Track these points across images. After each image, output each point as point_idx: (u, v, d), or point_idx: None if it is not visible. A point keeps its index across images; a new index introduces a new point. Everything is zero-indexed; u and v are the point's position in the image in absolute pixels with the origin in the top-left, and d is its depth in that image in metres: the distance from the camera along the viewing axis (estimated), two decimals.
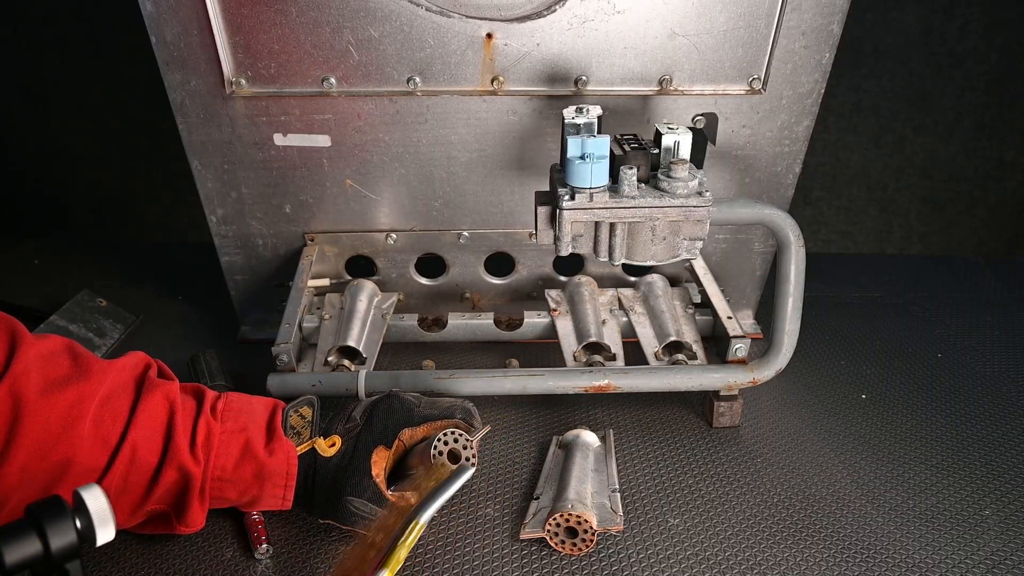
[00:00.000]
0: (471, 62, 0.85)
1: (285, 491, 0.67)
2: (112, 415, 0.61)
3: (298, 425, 0.70)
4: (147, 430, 0.62)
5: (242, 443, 0.66)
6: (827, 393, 0.95)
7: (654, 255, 0.75)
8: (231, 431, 0.66)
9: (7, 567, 0.42)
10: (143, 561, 0.68)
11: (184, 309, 1.13)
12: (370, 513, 0.66)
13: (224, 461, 0.65)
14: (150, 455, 0.62)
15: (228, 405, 0.68)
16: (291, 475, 0.67)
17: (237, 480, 0.65)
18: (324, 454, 0.68)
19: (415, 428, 0.70)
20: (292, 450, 0.67)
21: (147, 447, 0.62)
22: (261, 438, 0.67)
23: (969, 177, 1.85)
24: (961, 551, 0.71)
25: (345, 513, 0.67)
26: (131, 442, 0.61)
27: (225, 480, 0.65)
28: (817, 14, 0.83)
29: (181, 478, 0.63)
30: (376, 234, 0.98)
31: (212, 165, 0.91)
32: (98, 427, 0.60)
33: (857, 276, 1.25)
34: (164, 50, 0.82)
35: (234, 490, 0.66)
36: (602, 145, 0.71)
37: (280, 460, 0.66)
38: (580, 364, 0.90)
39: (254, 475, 0.66)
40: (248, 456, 0.65)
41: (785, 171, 0.94)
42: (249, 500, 0.67)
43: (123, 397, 0.62)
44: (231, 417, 0.67)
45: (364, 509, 0.66)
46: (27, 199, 1.85)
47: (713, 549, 0.71)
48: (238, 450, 0.65)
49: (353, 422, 0.71)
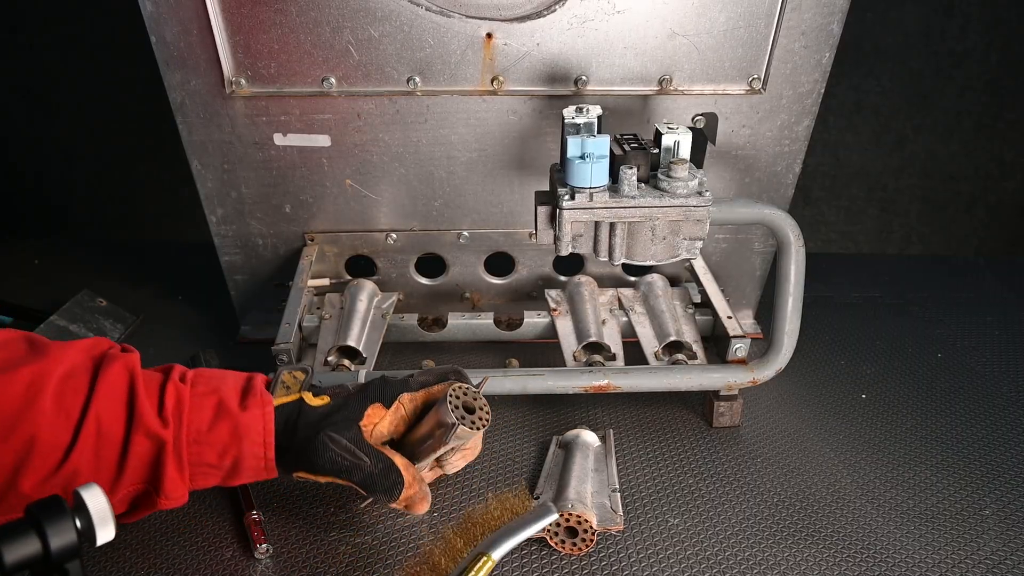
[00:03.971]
0: (471, 62, 0.85)
1: (265, 449, 0.64)
2: (73, 390, 0.60)
3: (289, 381, 0.68)
4: (109, 402, 0.60)
5: (214, 403, 0.63)
6: (827, 393, 0.95)
7: (654, 255, 0.75)
8: (202, 394, 0.64)
9: (7, 567, 0.42)
10: (143, 561, 0.68)
11: (184, 309, 1.13)
12: (346, 451, 0.64)
13: (198, 424, 0.62)
14: (116, 425, 0.60)
15: (199, 374, 0.66)
16: (268, 431, 0.64)
17: (214, 442, 0.63)
18: (311, 403, 0.66)
19: (415, 393, 0.69)
20: (268, 404, 0.65)
21: (111, 418, 0.60)
22: (235, 398, 0.64)
23: (969, 177, 1.85)
24: (961, 551, 0.71)
25: (318, 449, 0.63)
26: (94, 414, 0.59)
27: (202, 443, 0.63)
28: (817, 14, 0.83)
29: (153, 445, 0.61)
30: (376, 234, 0.98)
31: (212, 165, 0.91)
32: (59, 403, 0.59)
33: (857, 276, 1.25)
34: (164, 50, 0.82)
35: (212, 452, 0.63)
36: (602, 145, 0.71)
37: (255, 415, 0.64)
38: (580, 364, 0.90)
39: (230, 433, 0.63)
40: (222, 414, 0.63)
41: (785, 171, 0.94)
42: (232, 464, 0.64)
43: (82, 375, 0.61)
44: (202, 382, 0.65)
45: (337, 447, 0.64)
46: (27, 199, 1.86)
47: (713, 549, 0.71)
48: (211, 411, 0.63)
49: (345, 389, 0.69)
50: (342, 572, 0.68)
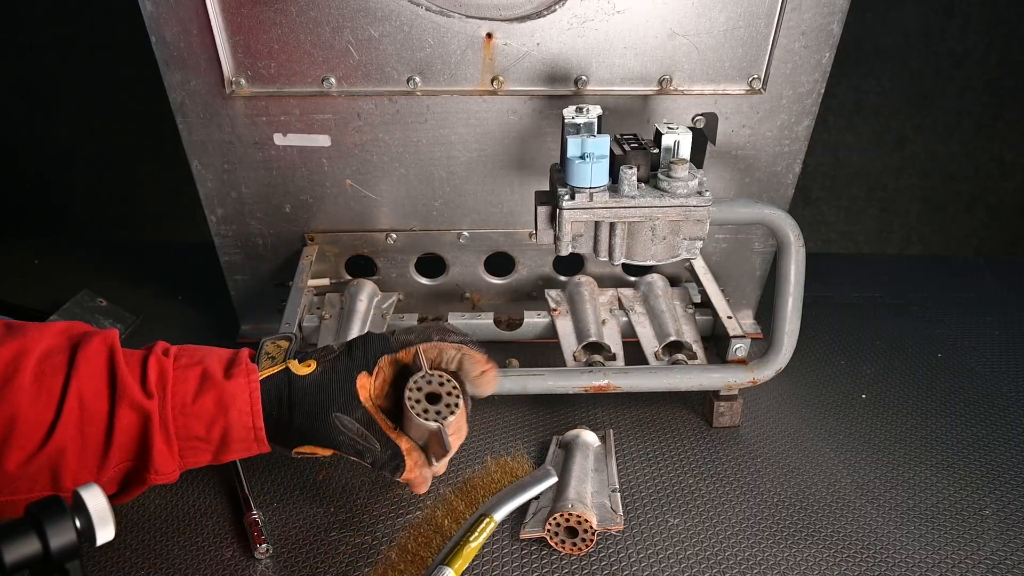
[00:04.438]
0: (471, 62, 0.85)
1: (253, 418, 0.63)
2: (52, 369, 0.59)
3: (272, 351, 0.67)
4: (90, 377, 0.60)
5: (199, 374, 0.63)
6: (827, 393, 0.95)
7: (654, 255, 0.75)
8: (185, 366, 0.63)
9: (6, 567, 0.42)
10: (143, 561, 0.68)
11: (184, 309, 1.13)
12: (358, 434, 0.63)
13: (183, 395, 0.62)
14: (99, 400, 0.60)
15: (182, 349, 0.66)
16: (255, 399, 0.63)
17: (200, 413, 0.62)
18: (298, 373, 0.64)
19: (394, 354, 0.67)
20: (253, 372, 0.64)
21: (93, 392, 0.60)
22: (220, 368, 0.64)
23: (969, 177, 1.85)
24: (961, 551, 0.71)
25: (330, 430, 0.63)
26: (76, 390, 0.59)
27: (188, 415, 0.62)
28: (817, 14, 0.83)
29: (138, 417, 0.60)
30: (376, 234, 0.98)
31: (212, 165, 0.91)
32: (39, 382, 0.58)
33: (857, 276, 1.25)
34: (164, 50, 0.82)
35: (199, 424, 0.62)
36: (602, 145, 0.71)
37: (240, 383, 0.63)
38: (580, 364, 0.90)
39: (215, 403, 0.62)
40: (207, 384, 0.62)
41: (785, 171, 0.94)
42: (220, 436, 0.63)
43: (61, 353, 0.61)
44: (185, 355, 0.64)
45: (352, 428, 0.63)
46: (27, 199, 1.86)
47: (713, 549, 0.71)
48: (195, 381, 0.62)
49: (330, 350, 0.68)
50: (342, 572, 0.67)
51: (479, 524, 0.57)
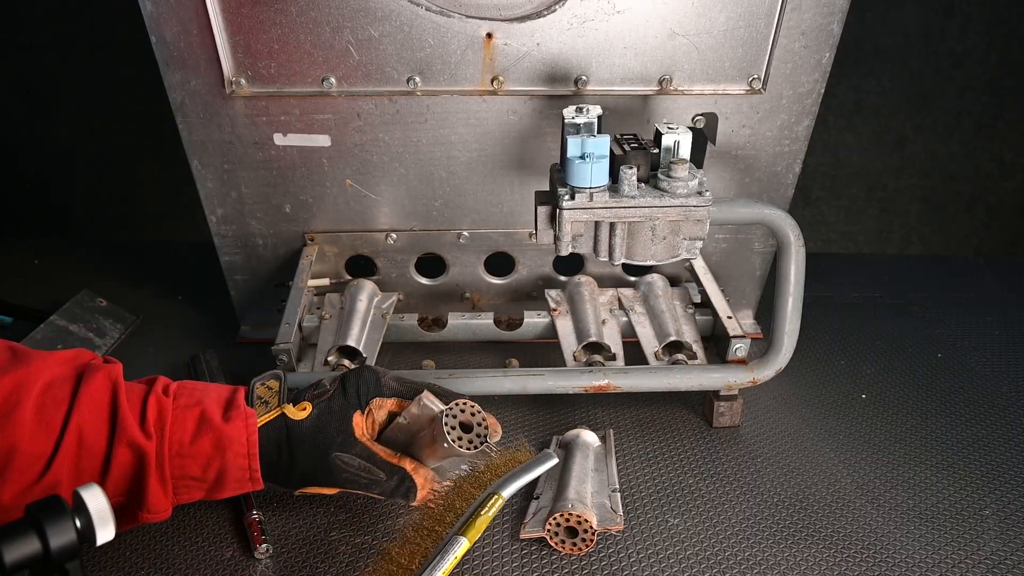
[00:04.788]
0: (471, 62, 0.85)
1: (249, 460, 0.63)
2: (54, 401, 0.60)
3: (264, 395, 0.67)
4: (91, 412, 0.60)
5: (197, 415, 0.63)
6: (827, 393, 0.95)
7: (654, 255, 0.75)
8: (184, 406, 0.64)
9: (7, 567, 0.42)
10: (143, 561, 0.68)
11: (184, 309, 1.13)
12: (360, 469, 0.64)
13: (180, 436, 0.62)
14: (98, 436, 0.60)
15: (182, 386, 0.66)
16: (252, 443, 0.63)
17: (197, 454, 0.62)
18: (295, 417, 0.65)
19: (385, 400, 0.68)
20: (251, 416, 0.64)
21: (93, 428, 0.60)
22: (218, 410, 0.64)
23: (969, 177, 1.85)
24: (961, 551, 0.71)
25: (332, 471, 0.64)
26: (76, 425, 0.59)
27: (185, 456, 0.62)
28: (817, 14, 0.83)
29: (135, 457, 0.61)
30: (376, 234, 0.98)
31: (212, 165, 0.91)
32: (40, 414, 0.59)
33: (857, 276, 1.25)
34: (164, 50, 0.82)
35: (196, 465, 0.63)
36: (602, 145, 0.71)
37: (239, 426, 0.63)
38: (580, 364, 0.90)
39: (213, 445, 0.62)
40: (205, 427, 0.62)
41: (785, 171, 0.94)
42: (216, 477, 0.64)
43: (64, 384, 0.61)
44: (184, 394, 0.65)
45: (353, 464, 0.64)
46: (27, 199, 1.86)
47: (713, 549, 0.71)
48: (193, 423, 0.63)
49: (323, 388, 0.68)
50: (342, 572, 0.68)
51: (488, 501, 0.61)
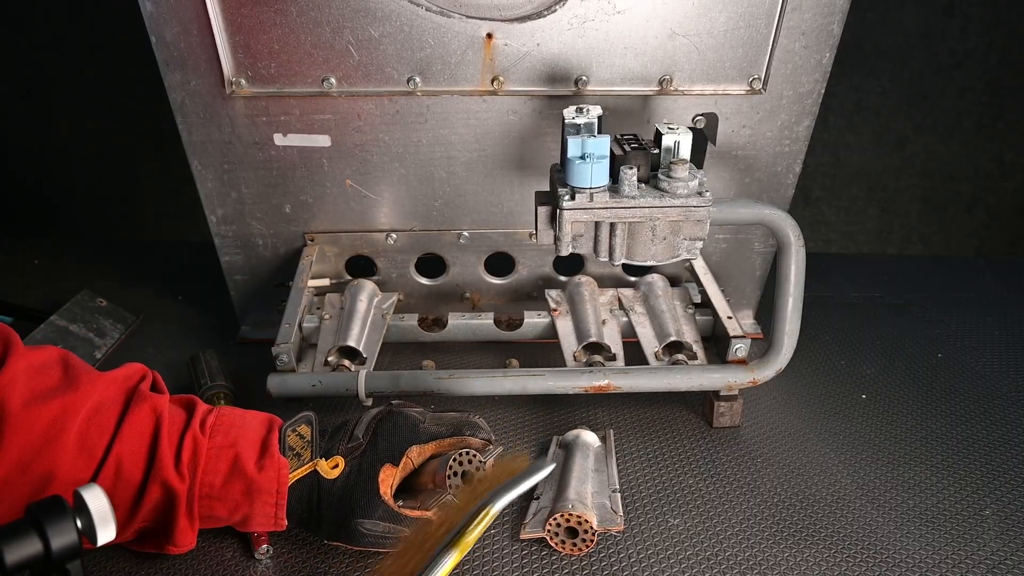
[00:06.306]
0: (471, 62, 0.85)
1: (276, 509, 0.64)
2: (98, 428, 0.60)
3: (297, 446, 0.67)
4: (133, 444, 0.61)
5: (231, 459, 0.64)
6: (827, 393, 0.95)
7: (654, 255, 0.75)
8: (220, 446, 0.64)
9: (8, 567, 0.42)
10: (143, 561, 0.68)
11: (184, 309, 1.13)
12: (383, 533, 0.65)
13: (212, 478, 0.63)
14: (135, 470, 0.61)
15: (219, 420, 0.66)
16: (282, 493, 0.64)
17: (226, 498, 0.64)
18: (327, 476, 0.66)
19: (423, 446, 0.69)
20: (284, 467, 0.65)
21: (132, 461, 0.61)
22: (253, 455, 0.64)
23: (969, 177, 1.85)
24: (961, 551, 0.71)
25: (356, 536, 0.65)
26: (116, 456, 0.60)
27: (214, 498, 0.63)
28: (817, 14, 0.83)
29: (166, 496, 0.62)
30: (376, 234, 0.98)
31: (212, 165, 0.91)
32: (83, 440, 0.59)
33: (857, 276, 1.25)
34: (164, 50, 0.82)
35: (223, 508, 0.64)
36: (602, 145, 0.71)
37: (270, 477, 0.64)
38: (580, 364, 0.90)
39: (243, 492, 0.64)
40: (237, 473, 0.63)
41: (785, 171, 0.94)
42: (241, 518, 0.65)
43: (111, 410, 0.61)
44: (221, 432, 0.65)
45: (375, 530, 0.65)
46: (27, 199, 1.86)
47: (713, 549, 0.71)
48: (227, 466, 0.63)
49: (356, 441, 0.68)
50: (342, 572, 0.68)
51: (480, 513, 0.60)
